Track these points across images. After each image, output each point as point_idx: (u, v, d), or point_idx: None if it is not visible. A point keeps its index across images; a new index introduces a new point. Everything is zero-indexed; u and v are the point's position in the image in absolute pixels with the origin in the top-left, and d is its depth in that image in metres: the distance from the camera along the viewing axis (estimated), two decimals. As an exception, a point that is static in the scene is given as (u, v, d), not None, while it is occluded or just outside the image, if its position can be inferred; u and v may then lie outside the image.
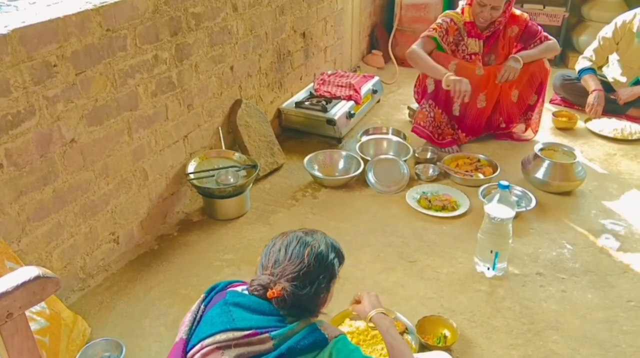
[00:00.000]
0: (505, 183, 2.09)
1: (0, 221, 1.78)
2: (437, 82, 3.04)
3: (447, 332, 1.92)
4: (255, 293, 1.26)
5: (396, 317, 1.95)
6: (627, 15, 3.48)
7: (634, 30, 3.39)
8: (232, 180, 2.56)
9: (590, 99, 3.50)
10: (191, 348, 1.22)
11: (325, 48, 3.88)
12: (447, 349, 1.83)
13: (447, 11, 3.17)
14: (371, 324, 1.56)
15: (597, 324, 1.99)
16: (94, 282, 2.23)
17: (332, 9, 3.83)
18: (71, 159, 2.00)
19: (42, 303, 1.73)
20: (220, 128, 2.81)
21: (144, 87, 2.27)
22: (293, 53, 3.42)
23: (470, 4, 3.05)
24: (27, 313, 1.66)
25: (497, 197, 2.10)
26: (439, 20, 3.13)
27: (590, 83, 3.55)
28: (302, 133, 3.37)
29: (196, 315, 1.30)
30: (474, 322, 2.00)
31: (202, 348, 1.19)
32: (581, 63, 3.68)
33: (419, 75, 3.31)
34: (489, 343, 1.92)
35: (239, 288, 1.32)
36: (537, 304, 2.08)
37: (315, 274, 1.25)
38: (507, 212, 2.09)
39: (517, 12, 3.15)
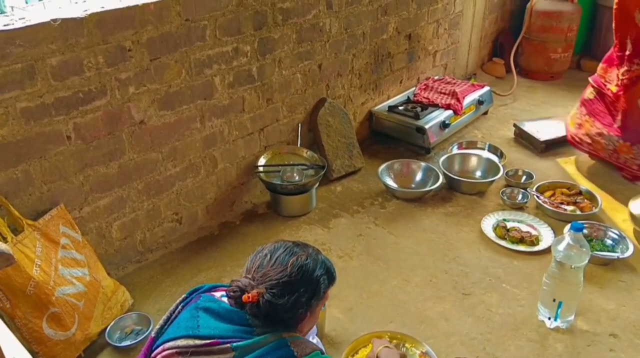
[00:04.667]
0: (579, 224, 1.80)
1: (64, 188, 1.94)
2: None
3: (476, 380, 1.71)
4: (232, 294, 1.22)
5: (426, 351, 1.80)
6: None
7: None
8: (297, 178, 2.54)
9: None
10: (156, 348, 1.22)
11: (435, 52, 3.68)
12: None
13: None
14: None
15: (671, 412, 1.64)
16: (152, 257, 2.35)
17: (448, 11, 3.61)
18: (139, 139, 2.12)
19: (84, 269, 1.87)
20: (300, 125, 2.80)
21: (220, 77, 2.33)
22: (394, 55, 3.29)
23: None
24: (67, 276, 1.81)
25: (567, 238, 1.81)
26: None
27: None
28: (392, 139, 3.24)
29: (171, 315, 1.31)
30: (515, 376, 1.76)
31: (163, 351, 1.19)
32: None
33: (582, 107, 2.84)
34: (526, 403, 1.68)
35: (218, 294, 1.29)
36: (599, 371, 1.78)
37: (295, 285, 1.20)
38: (578, 258, 1.80)
39: None
